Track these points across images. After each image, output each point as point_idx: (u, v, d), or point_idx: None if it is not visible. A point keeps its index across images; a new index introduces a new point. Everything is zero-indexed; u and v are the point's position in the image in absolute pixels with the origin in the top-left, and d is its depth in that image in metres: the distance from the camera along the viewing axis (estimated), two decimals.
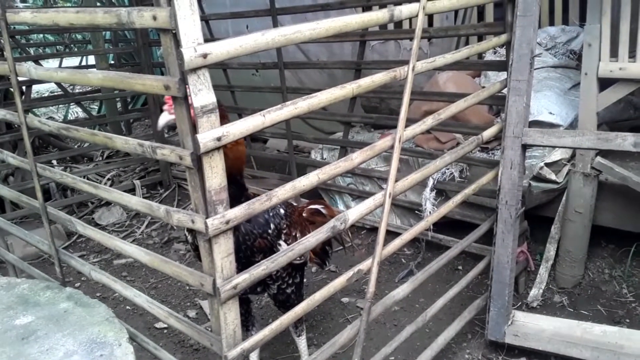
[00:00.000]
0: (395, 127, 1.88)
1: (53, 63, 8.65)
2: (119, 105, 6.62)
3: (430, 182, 3.30)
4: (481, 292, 2.86)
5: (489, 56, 4.08)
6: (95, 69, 5.89)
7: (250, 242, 1.91)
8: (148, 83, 1.34)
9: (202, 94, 1.22)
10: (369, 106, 4.34)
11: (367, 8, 3.76)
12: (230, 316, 1.44)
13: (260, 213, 1.49)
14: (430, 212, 3.23)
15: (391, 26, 4.42)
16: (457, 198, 2.39)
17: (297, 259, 1.83)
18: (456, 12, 4.74)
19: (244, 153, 1.86)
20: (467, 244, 2.57)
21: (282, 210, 2.07)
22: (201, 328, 1.62)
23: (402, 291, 2.14)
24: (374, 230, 3.73)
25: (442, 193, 3.35)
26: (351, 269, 1.84)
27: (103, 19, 1.39)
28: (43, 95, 9.09)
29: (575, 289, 2.96)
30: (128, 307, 3.20)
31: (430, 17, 4.54)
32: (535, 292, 2.90)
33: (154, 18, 1.22)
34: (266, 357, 2.66)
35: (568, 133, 2.31)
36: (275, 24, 3.79)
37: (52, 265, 2.34)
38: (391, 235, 2.13)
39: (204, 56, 1.20)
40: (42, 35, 8.75)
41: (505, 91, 2.46)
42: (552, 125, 3.21)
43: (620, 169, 2.70)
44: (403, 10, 1.80)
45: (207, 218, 1.31)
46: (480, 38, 4.26)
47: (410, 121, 1.95)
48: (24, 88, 4.64)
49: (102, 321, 1.77)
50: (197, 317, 3.08)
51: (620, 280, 2.97)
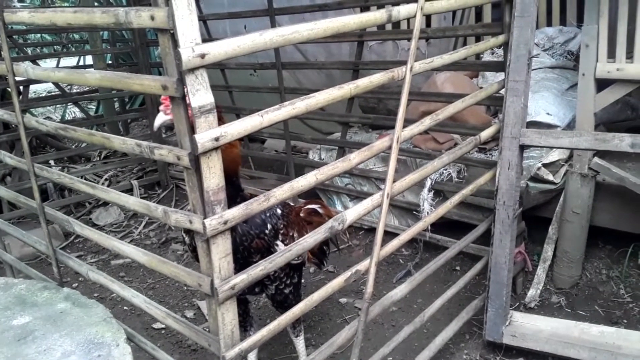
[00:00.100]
0: (393, 128, 1.88)
1: (50, 63, 8.64)
2: (117, 105, 6.61)
3: (428, 183, 3.30)
4: (479, 293, 2.86)
5: (487, 57, 4.09)
6: (92, 69, 5.89)
7: (247, 243, 1.91)
8: (146, 83, 1.34)
9: (200, 94, 1.22)
10: (367, 107, 4.35)
11: (365, 8, 3.76)
12: (228, 316, 1.44)
13: (257, 213, 1.49)
14: (428, 213, 3.23)
15: (389, 27, 4.42)
16: (455, 199, 2.39)
17: (295, 259, 1.83)
18: (454, 13, 4.75)
19: (239, 155, 1.87)
20: (465, 245, 2.58)
21: (279, 210, 2.07)
22: (199, 328, 1.62)
23: (400, 292, 2.14)
24: (372, 230, 3.73)
25: (440, 193, 3.35)
26: (349, 270, 1.84)
27: (101, 19, 1.38)
28: (40, 95, 9.06)
29: (572, 290, 2.97)
30: (126, 308, 3.20)
31: (428, 18, 4.54)
32: (532, 293, 2.91)
33: (152, 18, 1.22)
34: (264, 358, 2.66)
35: (565, 134, 2.32)
36: (273, 24, 3.79)
37: (50, 265, 2.34)
38: (389, 235, 2.13)
39: (202, 56, 1.20)
40: (40, 35, 8.73)
41: (502, 92, 2.47)
42: (550, 125, 3.22)
43: (617, 170, 2.70)
44: (401, 10, 1.80)
45: (205, 218, 1.31)
46: (478, 39, 4.26)
47: (408, 122, 1.96)
48: (22, 88, 4.62)
49: (100, 321, 1.77)
50: (195, 318, 3.08)
51: (617, 280, 2.98)
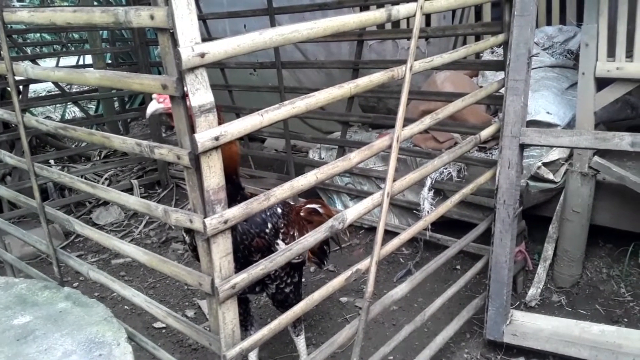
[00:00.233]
0: (393, 127, 1.88)
1: (50, 62, 8.63)
2: (117, 104, 6.60)
3: (428, 182, 3.30)
4: (479, 292, 2.86)
5: (487, 56, 4.08)
6: (92, 69, 5.88)
7: (247, 242, 1.91)
8: (146, 82, 1.34)
9: (200, 94, 1.22)
10: (367, 106, 4.35)
11: (365, 8, 3.76)
12: (228, 316, 1.44)
13: (257, 212, 1.49)
14: (428, 212, 3.23)
15: (389, 26, 4.41)
16: (455, 198, 2.39)
17: (296, 259, 1.83)
18: (454, 12, 4.75)
19: (237, 153, 1.87)
20: (465, 244, 2.58)
21: (280, 209, 2.07)
22: (200, 328, 1.62)
23: (401, 291, 2.14)
24: (372, 229, 3.73)
25: (440, 193, 3.35)
26: (350, 269, 1.84)
27: (100, 18, 1.38)
28: (40, 94, 9.06)
29: (573, 289, 2.97)
30: (126, 307, 3.20)
31: (427, 17, 4.54)
32: (533, 292, 2.91)
33: (152, 17, 1.22)
34: (265, 357, 2.66)
35: (566, 133, 2.32)
36: (272, 24, 3.78)
37: (50, 265, 2.34)
38: (389, 234, 2.13)
39: (202, 55, 1.20)
40: (39, 34, 8.73)
41: (502, 91, 2.47)
42: (550, 124, 3.22)
43: (617, 169, 2.70)
44: (401, 9, 1.80)
45: (206, 218, 1.31)
46: (477, 38, 4.26)
47: (408, 121, 1.95)
48: (21, 87, 4.63)
49: (101, 321, 1.77)
50: (196, 317, 3.08)
51: (618, 279, 2.98)
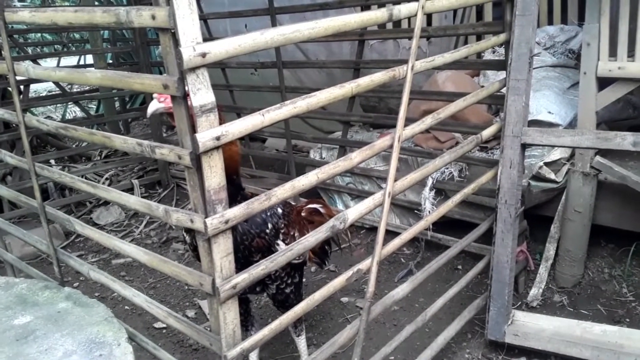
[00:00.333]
0: (394, 127, 1.88)
1: (51, 62, 8.64)
2: (117, 104, 6.60)
3: (429, 182, 3.30)
4: (481, 292, 2.86)
5: (488, 55, 4.08)
6: (93, 68, 5.88)
7: (248, 242, 1.91)
8: (147, 82, 1.34)
9: (201, 93, 1.22)
10: (368, 105, 4.34)
11: (366, 7, 3.75)
12: (229, 316, 1.44)
13: (257, 212, 1.49)
14: (429, 212, 3.23)
15: (390, 25, 4.41)
16: (457, 197, 2.39)
17: (296, 259, 1.83)
18: (455, 12, 4.74)
19: (238, 153, 1.87)
20: (467, 244, 2.57)
21: (280, 209, 2.07)
22: (200, 328, 1.62)
23: (402, 291, 2.14)
24: (373, 229, 3.73)
25: (442, 192, 3.35)
26: (351, 269, 1.84)
27: (102, 18, 1.38)
28: (41, 94, 9.07)
29: (575, 289, 2.96)
30: (127, 307, 3.20)
31: (429, 17, 4.54)
32: (535, 292, 2.90)
33: (153, 17, 1.22)
34: (266, 357, 2.66)
35: (567, 132, 2.31)
36: (273, 23, 3.78)
37: (51, 265, 2.34)
38: (390, 234, 2.13)
39: (203, 55, 1.19)
40: (40, 34, 8.73)
41: (504, 90, 2.46)
42: (551, 124, 3.21)
43: (619, 168, 2.70)
44: (402, 9, 1.80)
45: (207, 217, 1.31)
46: (479, 37, 4.26)
47: (409, 120, 1.95)
48: (22, 87, 4.63)
49: (101, 321, 1.77)
50: (196, 317, 3.08)
51: (620, 279, 2.98)
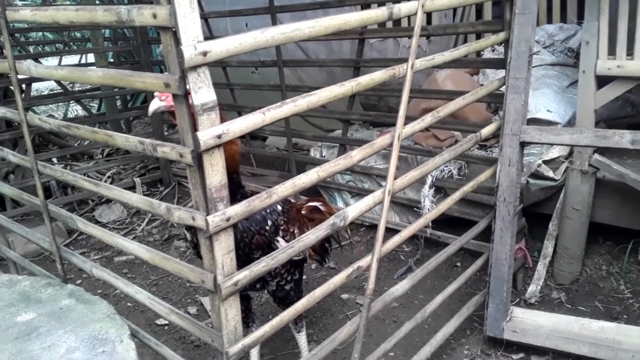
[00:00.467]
0: (394, 125, 1.89)
1: (52, 61, 8.65)
2: (119, 103, 6.61)
3: (429, 180, 3.31)
4: (480, 289, 2.87)
5: (488, 54, 4.09)
6: (95, 67, 5.89)
7: (248, 239, 1.92)
8: (148, 81, 1.35)
9: (202, 92, 1.23)
10: (368, 104, 4.35)
11: (366, 6, 3.76)
12: (231, 312, 1.45)
13: (257, 210, 1.50)
14: (429, 210, 3.24)
15: (390, 24, 4.41)
16: (456, 195, 2.40)
17: (296, 256, 1.84)
18: (455, 10, 4.75)
19: (237, 152, 1.88)
20: (466, 241, 2.59)
21: (280, 207, 2.08)
22: (202, 324, 1.63)
23: (401, 288, 2.15)
24: (373, 227, 3.74)
25: (441, 190, 3.36)
26: (351, 266, 1.85)
27: (103, 17, 1.39)
28: (43, 93, 9.08)
29: (573, 286, 2.98)
30: (129, 304, 3.21)
31: (429, 15, 4.54)
32: (533, 289, 2.92)
33: (154, 16, 1.23)
34: (267, 354, 2.67)
35: (566, 130, 2.32)
36: (274, 22, 3.79)
37: (53, 262, 2.35)
38: (390, 232, 2.14)
39: (204, 54, 1.20)
40: (42, 33, 8.74)
41: (503, 89, 2.47)
42: (550, 122, 3.22)
43: (617, 166, 2.71)
44: (402, 8, 1.81)
45: (208, 215, 1.32)
46: (478, 36, 4.26)
47: (409, 119, 1.96)
48: (24, 86, 4.63)
49: (104, 318, 1.78)
50: (198, 314, 3.09)
51: (617, 276, 2.99)
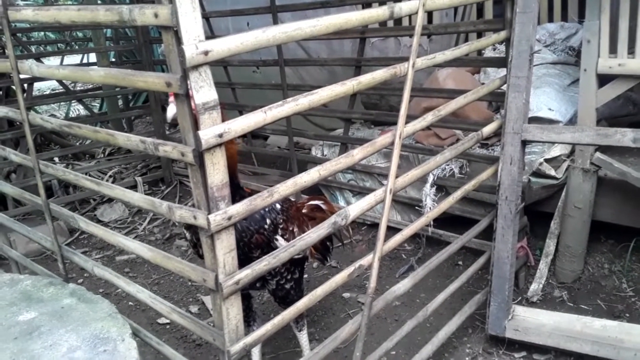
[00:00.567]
0: (395, 124, 1.89)
1: (54, 61, 8.66)
2: (120, 102, 6.62)
3: (430, 178, 3.31)
4: (481, 287, 2.87)
5: (489, 53, 4.08)
6: (96, 67, 5.89)
7: (247, 239, 1.92)
8: (150, 80, 1.35)
9: (204, 91, 1.23)
10: (369, 103, 4.35)
11: (367, 5, 3.76)
12: (232, 311, 1.46)
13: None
14: (430, 208, 3.23)
15: (391, 23, 4.41)
16: (457, 194, 2.40)
17: (297, 254, 1.84)
18: (456, 9, 4.75)
19: (236, 152, 1.89)
20: (467, 240, 2.59)
21: (278, 205, 2.08)
22: (204, 323, 1.63)
23: (403, 286, 2.15)
24: (375, 226, 3.75)
25: (442, 189, 3.36)
26: (352, 265, 1.85)
27: (104, 17, 1.39)
28: (44, 93, 9.09)
29: (575, 284, 2.98)
30: (131, 303, 3.22)
31: (429, 14, 4.54)
32: (535, 287, 2.92)
33: (156, 15, 1.23)
34: (268, 352, 2.68)
35: (567, 129, 2.32)
36: (275, 21, 3.79)
37: (55, 261, 2.36)
38: (392, 230, 2.14)
39: (206, 53, 1.20)
40: (44, 33, 8.75)
41: (504, 87, 2.47)
42: (552, 121, 3.22)
43: (619, 165, 2.70)
44: (403, 7, 1.81)
45: (210, 214, 1.32)
46: (479, 35, 4.26)
47: (410, 118, 1.96)
48: (26, 86, 4.65)
49: (105, 317, 1.79)
50: (200, 313, 3.10)
51: (619, 275, 2.99)
